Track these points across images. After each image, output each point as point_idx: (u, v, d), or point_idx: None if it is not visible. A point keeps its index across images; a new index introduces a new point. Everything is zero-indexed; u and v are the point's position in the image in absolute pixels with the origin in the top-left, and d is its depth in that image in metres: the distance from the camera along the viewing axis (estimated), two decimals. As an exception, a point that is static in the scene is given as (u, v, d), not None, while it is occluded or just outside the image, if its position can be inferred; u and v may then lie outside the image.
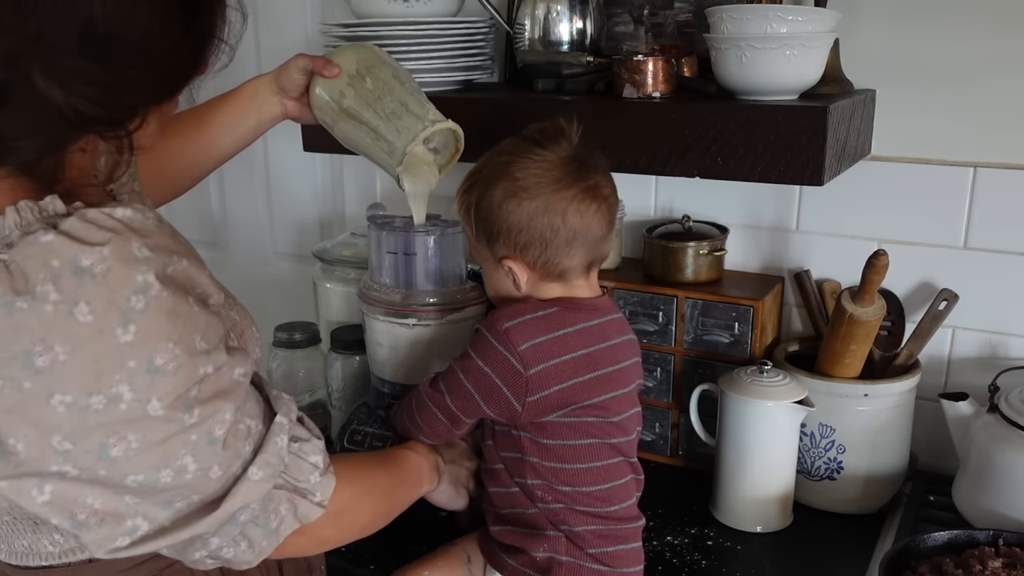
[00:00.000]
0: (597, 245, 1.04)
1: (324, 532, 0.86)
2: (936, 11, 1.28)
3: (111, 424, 0.64)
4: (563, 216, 1.00)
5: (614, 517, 1.05)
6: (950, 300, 1.33)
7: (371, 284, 1.29)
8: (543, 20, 1.42)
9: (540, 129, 1.04)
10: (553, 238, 1.00)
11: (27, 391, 0.62)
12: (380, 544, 1.23)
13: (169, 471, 0.68)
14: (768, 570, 1.21)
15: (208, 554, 0.77)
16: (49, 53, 0.60)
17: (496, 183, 1.01)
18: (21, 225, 0.65)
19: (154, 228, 0.68)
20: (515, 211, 1.00)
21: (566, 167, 1.00)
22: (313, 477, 0.82)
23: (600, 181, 1.02)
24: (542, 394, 1.01)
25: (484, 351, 1.02)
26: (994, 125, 1.29)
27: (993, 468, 1.19)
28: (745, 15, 1.14)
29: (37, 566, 0.79)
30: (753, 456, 1.26)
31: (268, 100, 1.16)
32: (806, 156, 1.10)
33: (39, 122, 0.62)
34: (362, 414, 1.35)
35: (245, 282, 1.77)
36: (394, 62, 1.17)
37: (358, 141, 1.14)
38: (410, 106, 1.12)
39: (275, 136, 1.90)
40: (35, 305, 0.61)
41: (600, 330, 1.06)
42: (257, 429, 0.76)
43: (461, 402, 1.05)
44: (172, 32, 0.65)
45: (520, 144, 1.03)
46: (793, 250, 1.47)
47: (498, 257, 1.04)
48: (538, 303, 1.04)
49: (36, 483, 0.65)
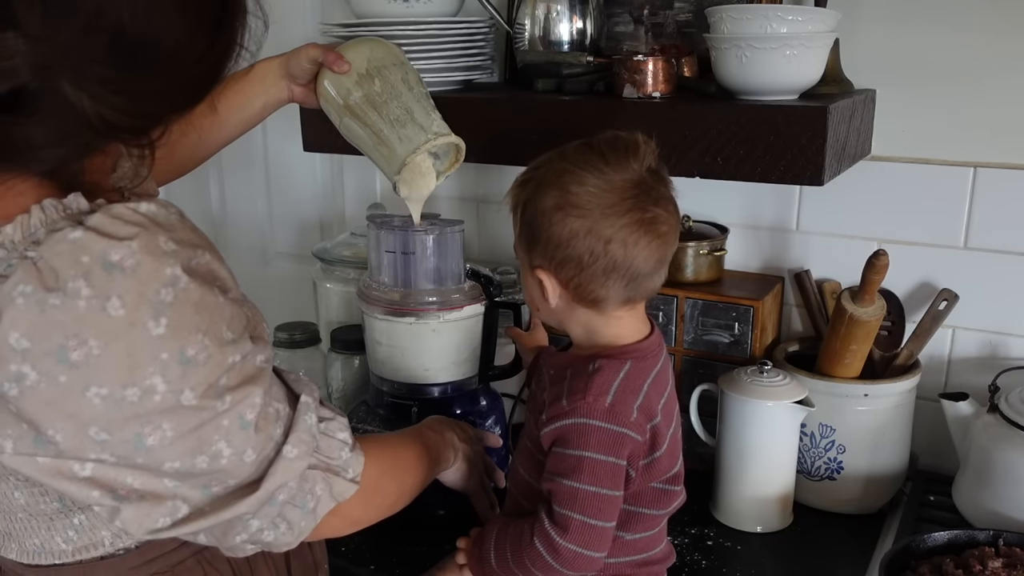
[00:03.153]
0: (639, 281, 0.93)
1: (355, 511, 0.87)
2: (936, 11, 1.28)
3: (146, 415, 0.66)
4: (606, 243, 0.90)
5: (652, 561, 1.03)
6: (950, 300, 1.33)
7: (370, 283, 1.29)
8: (543, 20, 1.42)
9: (612, 141, 0.93)
10: (591, 264, 0.91)
11: (63, 384, 0.63)
12: (380, 544, 1.23)
13: (204, 457, 0.70)
14: (768, 570, 1.21)
15: (248, 538, 0.78)
16: (79, 63, 0.60)
17: (549, 190, 0.92)
18: (47, 223, 0.65)
19: (177, 223, 0.69)
20: (559, 224, 0.91)
21: (625, 192, 0.91)
22: (344, 453, 0.83)
23: (659, 215, 0.92)
24: (655, 455, 0.95)
25: (596, 442, 0.91)
26: (994, 125, 1.29)
27: (993, 468, 1.19)
28: (745, 15, 1.14)
29: (49, 564, 0.79)
30: (753, 456, 1.26)
31: (276, 84, 1.16)
32: (806, 156, 1.10)
33: (67, 131, 0.63)
34: (361, 412, 1.35)
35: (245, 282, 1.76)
36: (406, 62, 1.16)
37: (360, 140, 1.14)
38: (415, 114, 1.11)
39: (275, 136, 1.91)
40: (68, 301, 0.62)
41: (663, 377, 0.99)
42: (285, 411, 0.77)
43: (605, 512, 0.91)
44: (199, 43, 0.66)
45: (586, 154, 0.93)
46: (793, 250, 1.47)
47: (533, 265, 0.96)
48: (612, 363, 0.94)
49: (78, 462, 0.67)
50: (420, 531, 1.22)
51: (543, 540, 0.91)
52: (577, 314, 0.97)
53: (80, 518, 0.77)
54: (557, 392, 0.95)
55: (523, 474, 1.02)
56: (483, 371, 1.33)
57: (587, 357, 0.96)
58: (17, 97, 0.60)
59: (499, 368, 1.35)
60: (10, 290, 0.62)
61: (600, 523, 0.91)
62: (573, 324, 0.99)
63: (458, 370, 1.30)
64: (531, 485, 1.00)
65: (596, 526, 0.91)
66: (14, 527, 0.79)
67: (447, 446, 1.10)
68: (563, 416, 0.92)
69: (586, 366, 0.94)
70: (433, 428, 1.10)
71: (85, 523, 0.78)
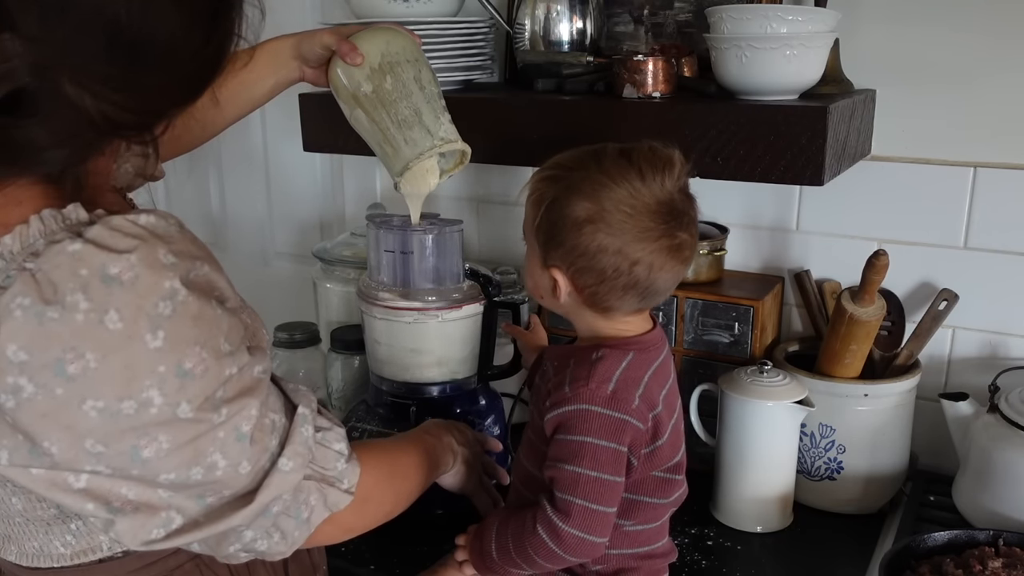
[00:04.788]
0: (653, 297, 0.97)
1: (350, 519, 0.87)
2: (936, 11, 1.28)
3: (142, 427, 0.66)
4: (632, 264, 0.92)
5: (655, 555, 1.03)
6: (950, 300, 1.33)
7: (370, 282, 1.29)
8: (543, 20, 1.42)
9: (649, 155, 0.93)
10: (613, 278, 0.93)
11: (60, 397, 0.63)
12: (380, 544, 1.23)
13: (200, 469, 0.69)
14: (768, 570, 1.21)
15: (242, 547, 0.78)
16: (78, 62, 0.60)
17: (581, 199, 0.92)
18: (45, 234, 0.65)
19: (177, 234, 0.69)
20: (588, 236, 0.92)
21: (657, 215, 0.91)
22: (339, 464, 0.83)
23: (685, 241, 0.94)
24: (657, 444, 0.97)
25: (598, 428, 0.92)
26: (994, 125, 1.29)
27: (993, 468, 1.19)
28: (745, 15, 1.14)
29: (47, 567, 0.79)
30: (753, 456, 1.26)
31: (287, 64, 1.16)
32: (806, 156, 1.10)
33: (70, 130, 0.63)
34: (361, 412, 1.35)
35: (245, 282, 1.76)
36: (421, 57, 1.13)
37: (366, 133, 1.13)
38: (424, 117, 1.09)
39: (275, 136, 1.91)
40: (66, 314, 0.62)
41: (665, 369, 1.00)
42: (281, 423, 0.77)
43: (607, 498, 0.92)
44: (196, 35, 0.66)
45: (622, 168, 0.92)
46: (793, 250, 1.47)
47: (548, 263, 0.96)
48: (615, 352, 0.95)
49: (72, 474, 0.67)
50: (420, 531, 1.22)
51: (545, 526, 0.92)
52: (584, 314, 0.99)
53: (77, 523, 0.77)
54: (560, 380, 0.96)
55: (527, 466, 1.03)
56: (482, 370, 1.33)
57: (590, 347, 0.97)
58: (17, 99, 0.59)
59: (498, 368, 1.35)
60: (8, 302, 0.62)
61: (601, 508, 0.92)
62: (577, 320, 1.01)
63: (457, 369, 1.30)
64: (535, 476, 1.01)
65: (597, 511, 0.92)
66: (13, 530, 0.79)
67: (445, 450, 1.09)
68: (565, 402, 0.93)
69: (589, 355, 0.96)
70: (431, 432, 1.09)
71: (82, 528, 0.78)
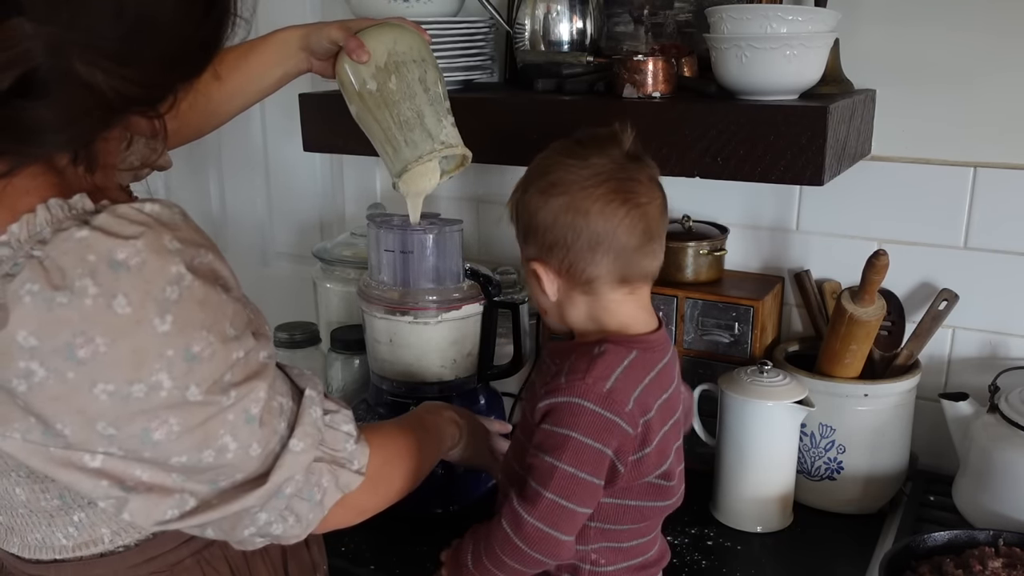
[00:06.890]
0: (627, 256, 0.93)
1: (362, 500, 0.88)
2: (936, 11, 1.28)
3: (152, 410, 0.67)
4: (586, 216, 0.91)
5: (647, 564, 1.03)
6: (950, 300, 1.33)
7: (370, 282, 1.30)
8: (543, 20, 1.42)
9: (591, 132, 0.97)
10: (575, 240, 0.92)
11: (71, 381, 0.64)
12: (380, 544, 1.23)
13: (211, 451, 0.71)
14: (768, 570, 1.21)
15: (257, 531, 0.79)
16: (87, 39, 0.61)
17: (533, 182, 0.95)
18: (52, 222, 0.66)
19: (181, 222, 0.70)
20: (542, 208, 0.93)
21: (602, 167, 0.92)
22: (349, 445, 0.84)
23: (638, 188, 0.93)
24: (644, 452, 0.94)
25: (586, 424, 0.90)
26: (994, 125, 1.29)
27: (993, 468, 1.19)
28: (745, 15, 1.14)
29: (49, 559, 0.80)
30: (753, 456, 1.26)
31: (295, 55, 1.16)
32: (806, 156, 1.10)
33: (81, 108, 0.64)
34: (361, 411, 1.35)
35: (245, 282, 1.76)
36: (429, 56, 1.12)
37: (369, 130, 1.12)
38: (426, 119, 1.09)
39: (275, 136, 1.91)
40: (75, 299, 0.63)
41: (667, 374, 0.98)
42: (289, 406, 0.78)
43: (579, 497, 0.90)
44: (194, 11, 0.67)
45: (565, 143, 0.96)
46: (793, 250, 1.47)
47: (528, 260, 0.97)
48: (618, 349, 0.93)
49: (88, 453, 0.68)
50: (420, 531, 1.22)
51: (509, 518, 0.91)
52: (577, 303, 0.97)
53: (80, 515, 0.78)
54: (557, 369, 0.95)
55: (514, 465, 1.02)
56: (482, 370, 1.33)
57: (593, 342, 0.96)
58: (28, 81, 0.60)
59: (498, 367, 1.35)
60: (17, 288, 0.63)
61: (571, 506, 0.90)
62: (576, 315, 0.99)
63: (457, 369, 1.31)
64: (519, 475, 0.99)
65: (567, 508, 0.90)
66: (16, 522, 0.80)
67: (448, 423, 1.10)
68: (558, 392, 0.91)
69: (591, 349, 0.94)
70: (429, 411, 1.10)
71: (85, 520, 0.78)
